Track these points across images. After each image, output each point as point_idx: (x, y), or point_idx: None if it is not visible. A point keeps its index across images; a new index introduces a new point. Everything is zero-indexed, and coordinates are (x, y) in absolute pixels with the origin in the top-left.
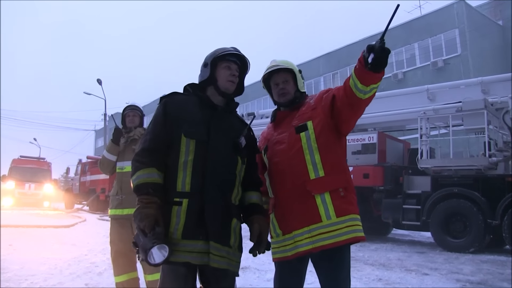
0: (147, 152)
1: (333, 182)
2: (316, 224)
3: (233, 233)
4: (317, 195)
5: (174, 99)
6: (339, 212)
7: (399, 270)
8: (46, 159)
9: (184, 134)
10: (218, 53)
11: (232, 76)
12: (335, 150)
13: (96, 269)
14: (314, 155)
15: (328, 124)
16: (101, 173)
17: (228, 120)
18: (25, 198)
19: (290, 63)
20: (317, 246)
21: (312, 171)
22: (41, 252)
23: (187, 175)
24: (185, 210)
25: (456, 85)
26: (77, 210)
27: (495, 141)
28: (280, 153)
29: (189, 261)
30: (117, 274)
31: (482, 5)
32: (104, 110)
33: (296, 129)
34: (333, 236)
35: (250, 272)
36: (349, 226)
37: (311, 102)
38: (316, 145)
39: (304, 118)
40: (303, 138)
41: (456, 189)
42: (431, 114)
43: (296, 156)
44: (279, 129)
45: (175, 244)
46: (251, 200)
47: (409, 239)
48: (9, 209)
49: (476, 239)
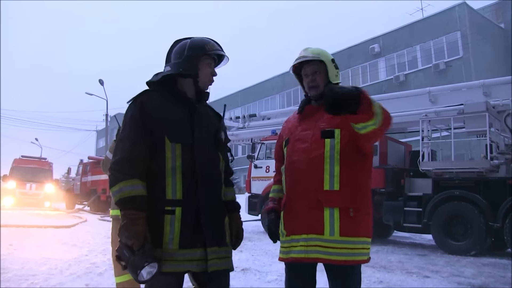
0: (128, 162)
1: (344, 199)
2: (316, 235)
3: (226, 230)
4: (326, 208)
5: (150, 99)
6: (344, 232)
7: (400, 272)
8: (48, 159)
9: (169, 138)
10: (208, 50)
11: (212, 76)
12: (356, 167)
13: (96, 270)
14: (334, 166)
15: (354, 139)
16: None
17: (205, 115)
18: (26, 198)
19: (321, 52)
20: (310, 257)
21: (327, 181)
22: (41, 252)
23: (177, 181)
24: (179, 218)
25: (458, 87)
26: (78, 211)
27: (496, 143)
28: (300, 153)
29: (190, 269)
30: (118, 275)
31: (484, 7)
32: (106, 111)
33: (322, 133)
34: (330, 253)
35: (251, 274)
36: (350, 248)
37: None
38: (339, 157)
39: (333, 124)
40: (327, 146)
41: (458, 191)
42: (433, 117)
43: (315, 161)
44: (304, 124)
45: (171, 254)
46: (228, 197)
47: (410, 242)
48: (10, 209)
49: (477, 242)
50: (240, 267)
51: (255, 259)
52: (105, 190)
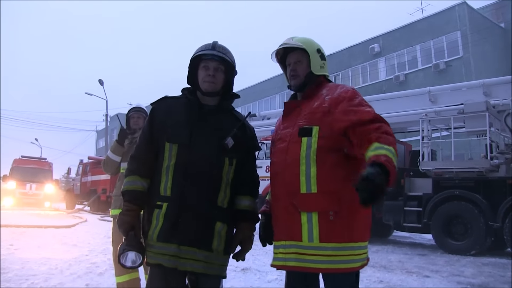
0: (133, 159)
1: (323, 202)
2: (294, 242)
3: (217, 236)
4: (303, 213)
5: (161, 106)
6: (324, 238)
7: (400, 272)
8: (48, 159)
9: (167, 139)
10: (194, 55)
11: (208, 76)
12: (336, 166)
13: (97, 270)
14: (310, 167)
15: (335, 139)
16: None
17: (216, 120)
18: (26, 198)
19: (306, 41)
20: (288, 265)
21: (304, 184)
22: (41, 252)
23: (168, 179)
24: (164, 213)
25: (458, 87)
26: (78, 211)
27: (496, 143)
28: (279, 153)
29: (161, 263)
30: (118, 274)
31: (484, 7)
32: (106, 111)
33: (299, 131)
34: (309, 261)
35: (251, 274)
36: (332, 255)
37: (326, 98)
38: (315, 157)
39: (312, 120)
40: (303, 145)
41: (458, 191)
42: (433, 116)
43: (291, 162)
44: (286, 122)
45: (151, 246)
46: (240, 206)
47: (410, 241)
48: (10, 209)
49: (477, 242)
50: (240, 266)
51: (255, 258)
52: (105, 190)
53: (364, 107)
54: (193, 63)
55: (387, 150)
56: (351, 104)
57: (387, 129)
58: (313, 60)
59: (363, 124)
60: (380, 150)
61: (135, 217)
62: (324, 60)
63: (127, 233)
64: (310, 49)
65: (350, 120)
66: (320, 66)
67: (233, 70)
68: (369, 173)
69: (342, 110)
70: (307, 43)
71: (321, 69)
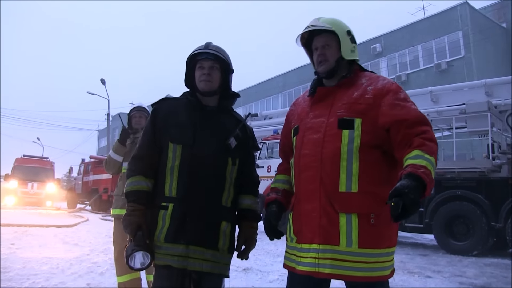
0: (135, 160)
1: (365, 203)
2: (330, 246)
3: (222, 235)
4: (342, 214)
5: (162, 106)
6: (364, 243)
7: (402, 272)
8: (49, 158)
9: (170, 140)
10: (189, 55)
11: (203, 75)
12: (379, 166)
13: (98, 269)
14: (352, 164)
15: (378, 135)
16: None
17: (218, 120)
18: (28, 197)
19: (334, 22)
20: (321, 272)
21: (344, 182)
22: (43, 251)
23: (173, 180)
24: (170, 214)
25: (459, 87)
26: (79, 210)
27: (498, 143)
28: (312, 145)
29: (170, 264)
30: (119, 274)
31: (485, 7)
32: (108, 110)
33: (339, 122)
34: (347, 268)
35: (253, 273)
36: (372, 262)
37: (368, 89)
38: (358, 153)
39: (354, 111)
40: (344, 138)
41: (459, 191)
42: (435, 116)
43: (330, 156)
44: (317, 110)
45: (158, 247)
46: (242, 205)
47: (412, 242)
48: (12, 208)
49: (479, 242)
50: (241, 266)
51: (257, 258)
52: (106, 190)
53: (410, 103)
54: (189, 66)
55: (427, 160)
56: (397, 98)
57: (432, 136)
58: (343, 43)
59: (408, 124)
60: (420, 160)
61: (142, 216)
62: (355, 44)
63: (135, 234)
64: (339, 31)
65: (397, 115)
66: (351, 50)
67: (229, 69)
68: (403, 186)
69: (388, 104)
70: (336, 25)
71: (352, 53)
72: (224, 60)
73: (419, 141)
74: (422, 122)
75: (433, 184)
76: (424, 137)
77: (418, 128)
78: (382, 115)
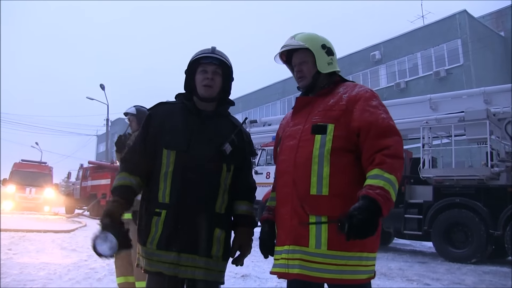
0: (124, 161)
1: (335, 206)
2: (300, 247)
3: (216, 242)
4: (312, 216)
5: (158, 111)
6: (333, 245)
7: (401, 280)
8: (48, 163)
9: (164, 146)
10: (192, 59)
11: (206, 80)
12: (351, 170)
13: (95, 275)
14: (323, 167)
15: (350, 140)
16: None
17: (214, 125)
18: (26, 202)
19: (308, 38)
20: (291, 273)
21: (314, 185)
22: (40, 257)
23: (167, 186)
24: (163, 221)
25: (458, 95)
26: (77, 215)
27: (497, 151)
28: (288, 151)
29: (161, 271)
30: (119, 275)
31: (484, 16)
32: (107, 116)
33: (312, 128)
34: (315, 269)
35: (251, 280)
36: (340, 265)
37: (343, 96)
38: (329, 157)
39: (328, 117)
40: (316, 143)
41: (458, 199)
42: (434, 124)
43: (302, 161)
44: (297, 119)
45: (149, 254)
46: (238, 211)
47: (410, 249)
48: (9, 213)
49: (478, 250)
50: (240, 273)
51: (255, 265)
52: (105, 195)
53: (381, 112)
54: (190, 69)
55: (385, 180)
56: (368, 104)
57: (395, 151)
58: (318, 58)
59: (374, 134)
60: (377, 180)
61: (118, 207)
62: (332, 55)
63: (102, 219)
64: (313, 46)
65: (365, 120)
66: (328, 62)
67: (230, 76)
68: (354, 208)
69: (359, 109)
70: (310, 40)
71: (329, 65)
72: (227, 66)
73: (380, 158)
74: (389, 132)
75: (390, 204)
76: (387, 153)
77: (383, 142)
78: (353, 120)
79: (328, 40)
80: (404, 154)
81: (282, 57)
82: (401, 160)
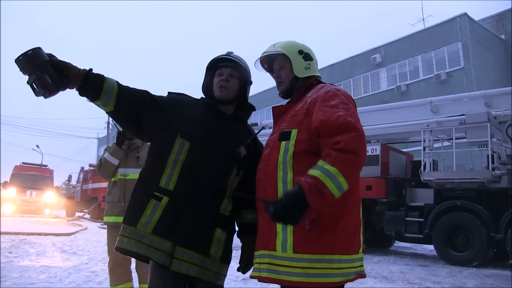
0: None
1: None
2: (269, 251)
3: (215, 242)
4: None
5: (178, 97)
6: (298, 248)
7: (402, 283)
8: (48, 166)
9: (180, 134)
10: (210, 61)
11: (221, 81)
12: None
13: (96, 278)
14: (287, 173)
15: (313, 142)
16: (103, 181)
17: (232, 128)
18: (26, 205)
19: (286, 45)
20: (262, 276)
21: (281, 190)
22: (41, 260)
23: (174, 173)
24: (163, 207)
25: (459, 98)
26: (78, 218)
27: (498, 154)
28: (263, 160)
29: (150, 256)
30: (113, 285)
31: (485, 19)
32: (107, 118)
33: (280, 135)
34: (281, 272)
35: (252, 284)
36: (305, 268)
37: (308, 100)
38: (292, 162)
39: (293, 122)
40: (281, 149)
41: (459, 202)
42: (434, 127)
43: (271, 168)
44: (274, 128)
45: (140, 236)
46: (246, 219)
47: (411, 252)
48: (10, 216)
49: (479, 253)
50: (240, 276)
51: None
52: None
53: (337, 110)
54: (208, 72)
55: (322, 171)
56: (324, 104)
57: (345, 146)
58: (295, 63)
59: (327, 132)
60: (315, 170)
61: (72, 68)
62: (310, 60)
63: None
64: (290, 52)
65: (318, 120)
66: (305, 67)
67: (247, 79)
68: (285, 193)
69: (316, 110)
70: (286, 47)
71: (307, 70)
72: (244, 69)
73: (327, 152)
74: (342, 129)
75: (319, 195)
76: (335, 147)
77: (334, 138)
78: (312, 122)
79: (307, 47)
80: (405, 157)
81: (266, 66)
82: (352, 155)
